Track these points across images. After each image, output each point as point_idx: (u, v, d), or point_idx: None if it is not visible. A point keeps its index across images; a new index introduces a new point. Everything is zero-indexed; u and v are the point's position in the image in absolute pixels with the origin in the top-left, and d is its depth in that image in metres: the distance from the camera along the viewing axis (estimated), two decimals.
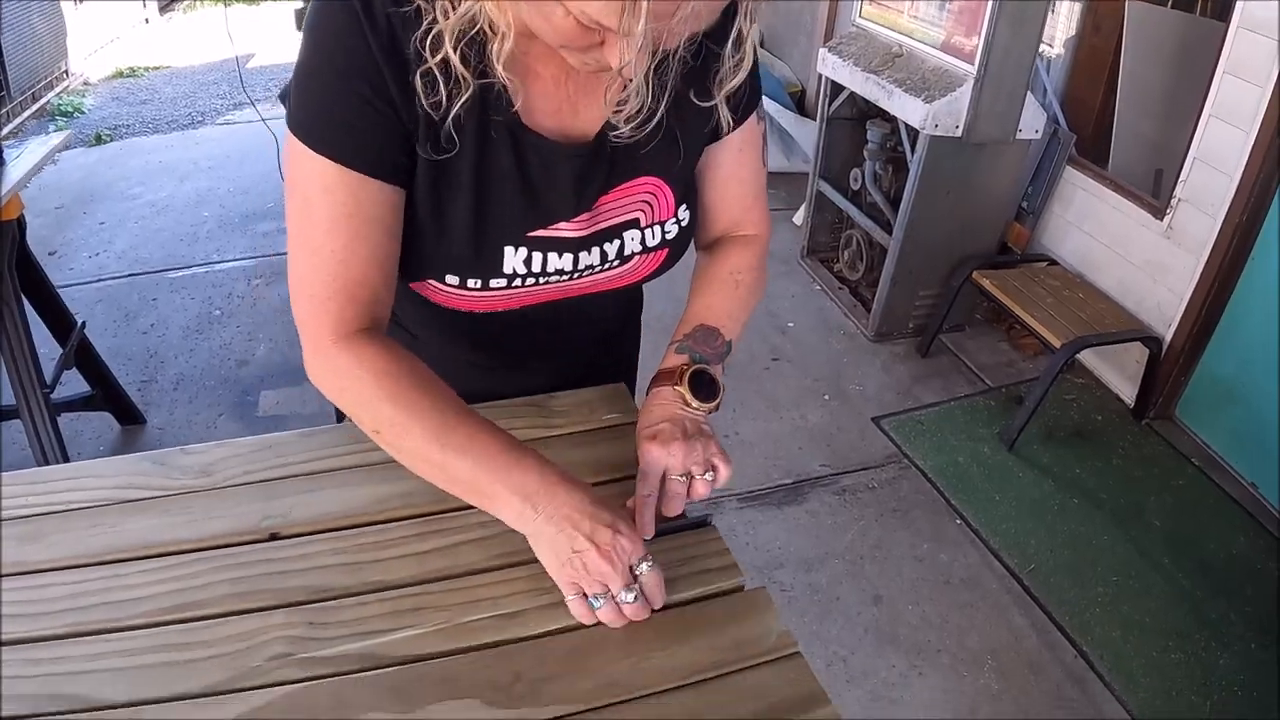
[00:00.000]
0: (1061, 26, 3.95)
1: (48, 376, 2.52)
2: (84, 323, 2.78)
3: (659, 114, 0.96)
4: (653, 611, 0.91)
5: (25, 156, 2.51)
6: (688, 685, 0.86)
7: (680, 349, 1.10)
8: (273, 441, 1.15)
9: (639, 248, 1.08)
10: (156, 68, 8.39)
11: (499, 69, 0.87)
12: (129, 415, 3.01)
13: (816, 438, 3.13)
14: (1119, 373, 3.47)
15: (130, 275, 4.08)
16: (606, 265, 1.07)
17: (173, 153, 5.77)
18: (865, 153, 3.69)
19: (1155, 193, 3.33)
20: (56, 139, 2.66)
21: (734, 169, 1.13)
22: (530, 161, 0.97)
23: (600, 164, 1.00)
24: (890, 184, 3.65)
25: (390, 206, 0.93)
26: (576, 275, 1.06)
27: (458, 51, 0.86)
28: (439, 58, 0.86)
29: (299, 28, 3.78)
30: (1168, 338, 3.21)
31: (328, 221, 0.91)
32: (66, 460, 2.45)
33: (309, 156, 0.89)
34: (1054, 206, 3.72)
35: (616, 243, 1.06)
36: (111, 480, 1.11)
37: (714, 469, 1.02)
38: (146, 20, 10.26)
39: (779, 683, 0.87)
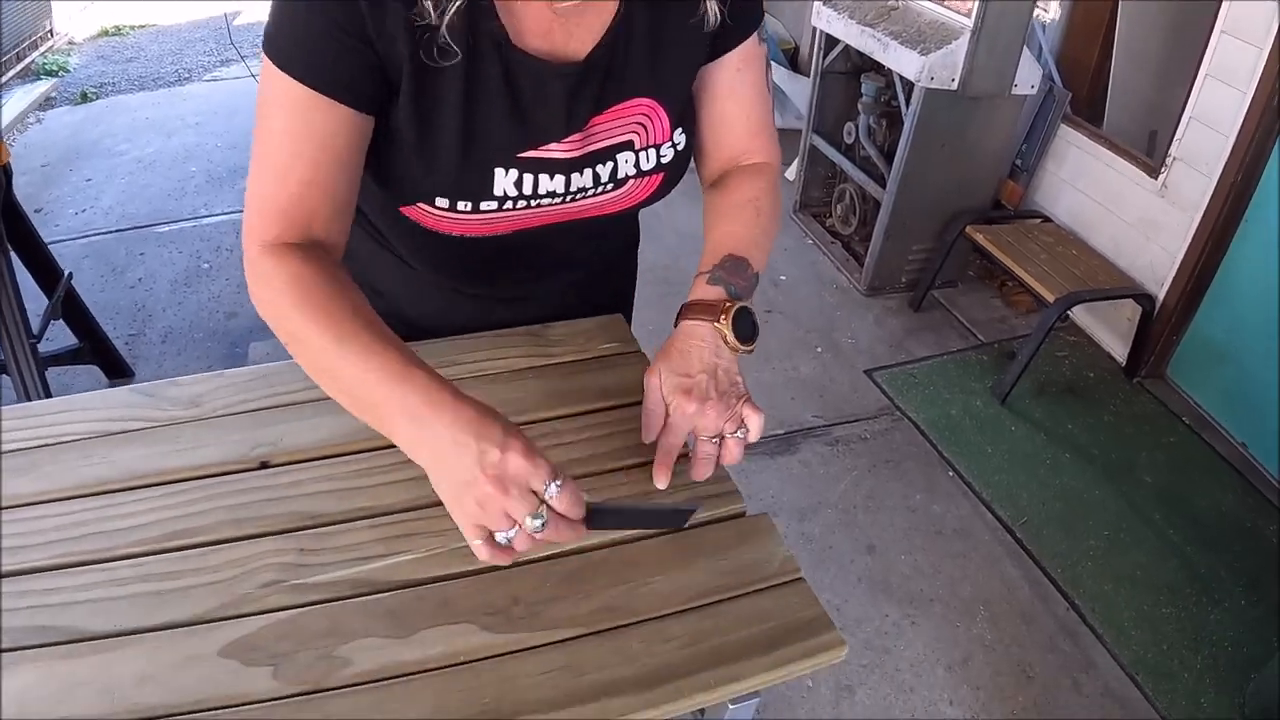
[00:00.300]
0: None
1: (35, 328, 2.49)
2: (70, 274, 2.75)
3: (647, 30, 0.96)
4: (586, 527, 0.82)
5: (10, 104, 2.48)
6: (689, 609, 0.85)
7: (713, 279, 1.03)
8: (265, 371, 1.13)
9: (633, 171, 1.05)
10: (142, 26, 8.28)
11: None
12: (117, 368, 2.98)
13: (809, 389, 3.13)
14: (1111, 331, 3.46)
15: (118, 231, 4.04)
16: (599, 188, 1.05)
17: (159, 110, 5.68)
18: (859, 106, 3.66)
19: (1150, 153, 3.30)
20: (42, 86, 2.64)
21: (732, 89, 1.09)
22: (520, 81, 0.95)
23: (592, 84, 0.98)
24: (884, 138, 3.62)
25: (347, 132, 0.90)
26: (569, 198, 1.04)
27: None
28: None
29: None
30: (1160, 296, 3.20)
31: (279, 136, 0.89)
32: None
33: (274, 73, 0.88)
34: (1048, 164, 3.70)
35: (610, 165, 1.03)
36: (102, 413, 1.10)
37: (745, 426, 0.96)
38: None
39: (781, 607, 0.87)
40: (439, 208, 0.99)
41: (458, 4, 0.86)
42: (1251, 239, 2.97)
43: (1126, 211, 3.33)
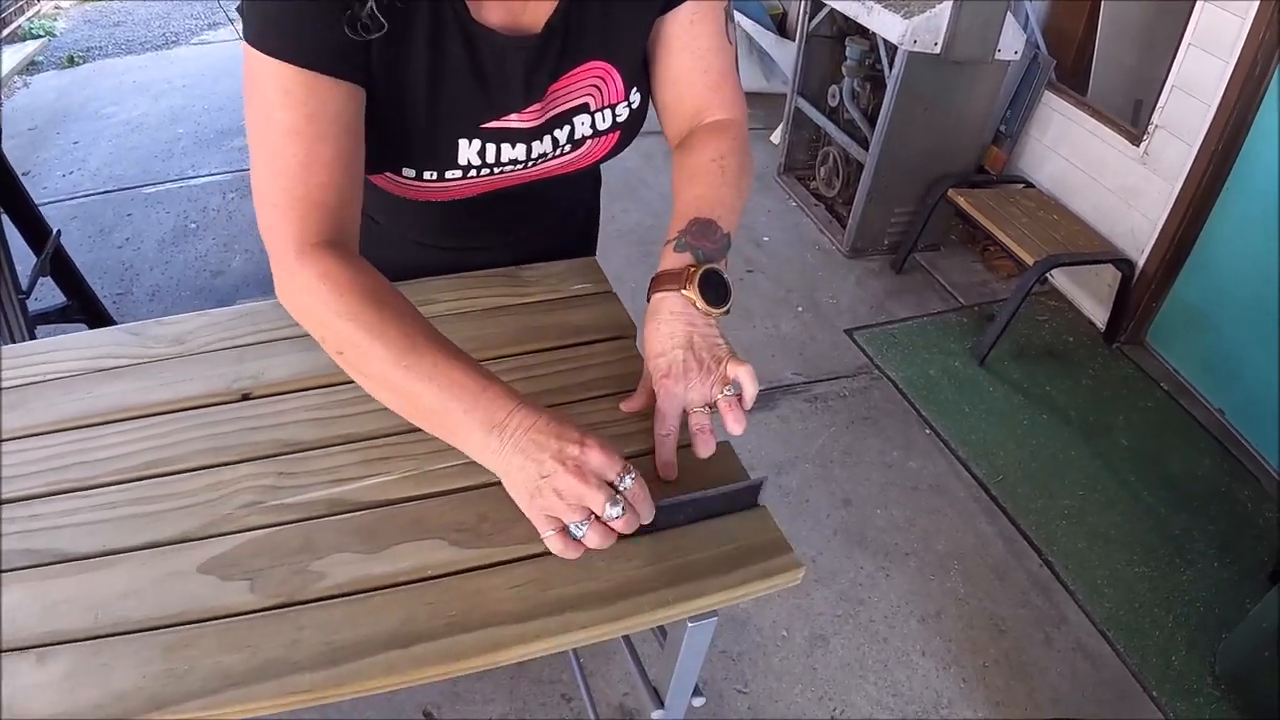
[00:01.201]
0: None
1: (24, 285, 2.51)
2: (59, 231, 2.76)
3: None
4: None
5: (2, 60, 2.48)
6: (651, 532, 0.88)
7: (679, 246, 1.01)
8: (247, 310, 1.17)
9: (589, 131, 1.08)
10: None
11: None
12: (105, 325, 3.01)
13: (789, 347, 3.17)
14: (1091, 296, 3.50)
15: (105, 192, 4.05)
16: (558, 151, 1.08)
17: (146, 73, 5.67)
18: (844, 69, 3.67)
19: (1136, 119, 3.33)
20: (29, 47, 2.64)
21: (687, 42, 1.08)
22: (481, 55, 0.97)
23: (549, 53, 1.00)
24: (868, 101, 3.64)
25: (351, 105, 0.90)
26: (530, 164, 1.07)
27: None
28: None
29: None
30: (1140, 262, 3.24)
31: (287, 124, 0.87)
32: None
33: (265, 62, 0.86)
34: (1032, 130, 3.72)
35: (567, 128, 1.06)
36: (88, 351, 1.13)
37: (740, 386, 0.96)
38: None
39: (742, 531, 0.91)
40: (405, 177, 1.02)
41: None
42: (1231, 207, 3.00)
43: (1108, 178, 3.36)
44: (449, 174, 1.03)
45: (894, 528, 2.53)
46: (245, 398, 1.03)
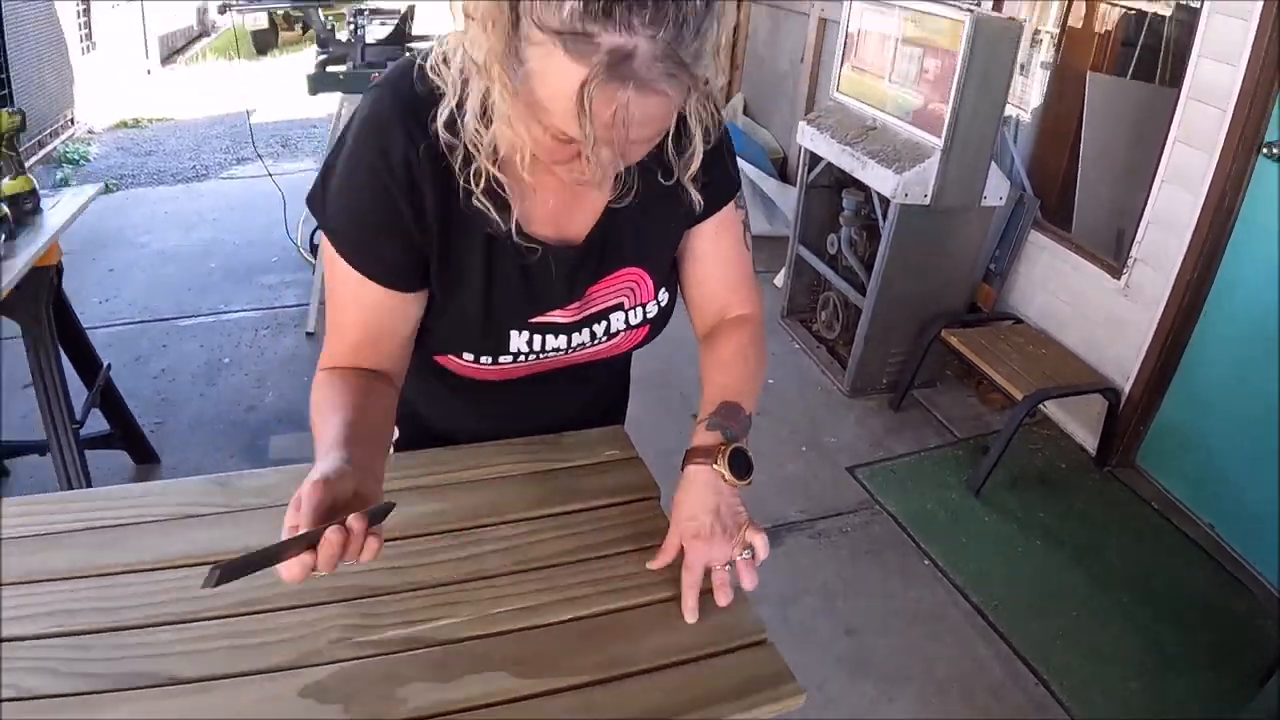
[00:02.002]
0: (1029, 95, 4.21)
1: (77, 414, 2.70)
2: (109, 365, 2.97)
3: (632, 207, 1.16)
4: None
5: (61, 206, 2.70)
6: (675, 664, 1.04)
7: (711, 425, 1.19)
8: None
9: (624, 326, 1.27)
10: (159, 119, 8.61)
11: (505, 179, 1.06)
12: (145, 454, 3.17)
13: (793, 486, 3.32)
14: (1082, 423, 3.66)
15: (140, 322, 4.26)
16: (595, 342, 1.27)
17: (178, 204, 5.97)
18: (841, 219, 3.91)
19: (1117, 253, 3.53)
20: (89, 190, 2.85)
21: (712, 250, 1.29)
22: (529, 261, 1.15)
23: (589, 261, 1.20)
24: (864, 249, 3.87)
25: (401, 310, 1.15)
26: (570, 351, 1.26)
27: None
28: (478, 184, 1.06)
29: (311, 92, 4.01)
30: (1127, 389, 3.41)
31: (342, 301, 1.14)
32: None
33: (344, 266, 1.11)
34: (1020, 268, 3.95)
35: (604, 323, 1.25)
36: (180, 498, 1.30)
37: (752, 548, 1.16)
38: (148, 71, 10.53)
39: (751, 663, 1.06)
40: (465, 359, 1.23)
41: (487, 174, 1.05)
42: (1210, 332, 3.20)
43: (1093, 310, 3.57)
44: (502, 359, 1.23)
45: (895, 654, 2.65)
46: None
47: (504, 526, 1.25)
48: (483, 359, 1.22)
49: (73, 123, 7.95)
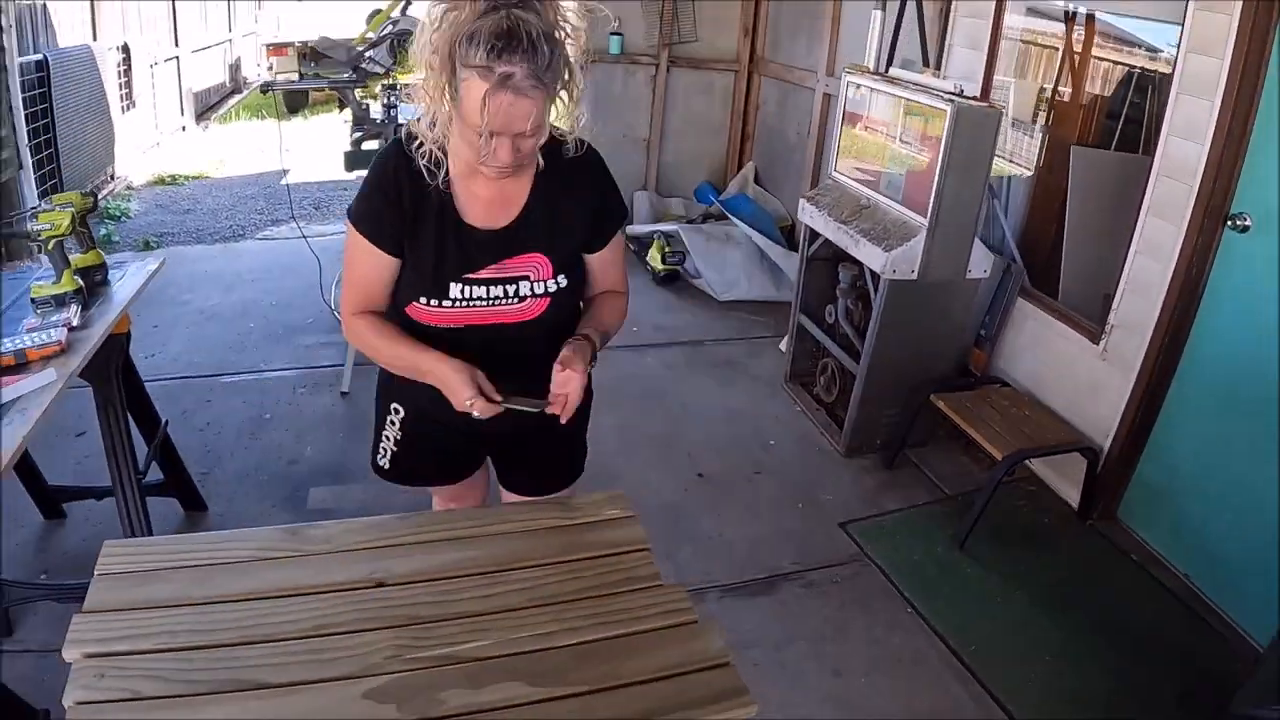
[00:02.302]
0: (1019, 167, 4.51)
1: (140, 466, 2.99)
2: (167, 421, 3.28)
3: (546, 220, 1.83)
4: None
5: (129, 279, 3.00)
6: (658, 679, 1.33)
7: (593, 333, 1.89)
8: (378, 522, 1.65)
9: (529, 293, 1.84)
10: (195, 177, 8.95)
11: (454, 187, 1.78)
12: (194, 502, 3.46)
13: (789, 539, 3.55)
14: (1066, 480, 3.86)
15: (184, 377, 4.54)
16: (508, 299, 1.83)
17: (216, 263, 6.27)
18: (838, 291, 4.18)
19: (1101, 319, 3.73)
20: (153, 264, 3.16)
21: (607, 259, 1.97)
22: (465, 238, 1.79)
23: (506, 242, 1.81)
24: (859, 318, 4.12)
25: (388, 268, 1.82)
26: (490, 302, 1.82)
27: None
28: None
29: (348, 168, 4.36)
30: (1106, 447, 3.63)
31: (360, 266, 1.83)
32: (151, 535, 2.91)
33: (355, 233, 1.80)
34: (1008, 334, 4.22)
35: (514, 286, 1.83)
36: (258, 543, 1.59)
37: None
38: (183, 128, 10.96)
39: (718, 680, 1.34)
40: (420, 303, 1.81)
41: (440, 183, 1.75)
42: (1185, 393, 3.41)
43: (1075, 373, 3.81)
44: (445, 302, 1.80)
45: (878, 694, 2.88)
46: (380, 585, 1.49)
47: (524, 570, 1.55)
48: (431, 302, 1.80)
49: (112, 179, 8.34)
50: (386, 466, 2.12)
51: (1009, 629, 3.17)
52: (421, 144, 1.72)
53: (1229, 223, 3.18)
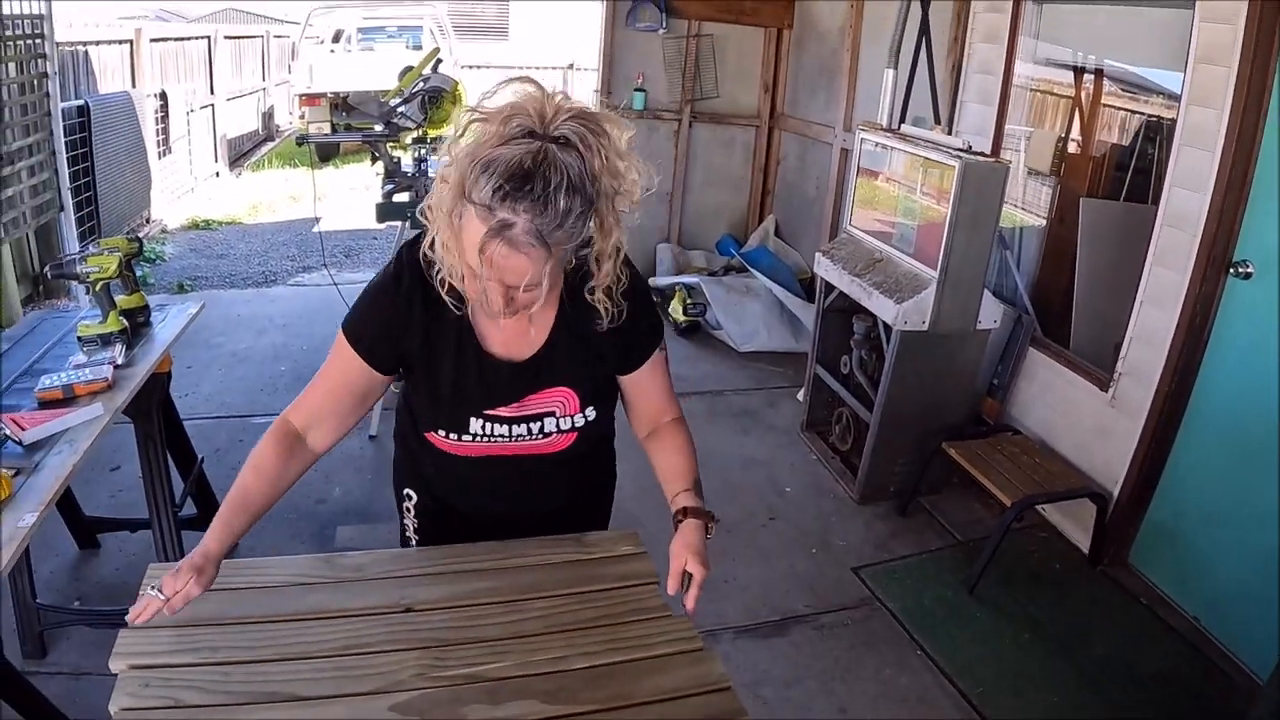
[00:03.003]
0: (1034, 216, 4.62)
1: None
2: (203, 458, 3.41)
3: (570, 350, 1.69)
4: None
5: (170, 322, 3.14)
6: (663, 700, 1.43)
7: (694, 493, 1.75)
8: (404, 553, 1.79)
9: (555, 429, 1.72)
10: (228, 222, 9.18)
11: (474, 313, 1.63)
12: None
13: (802, 583, 3.63)
14: (1077, 525, 3.91)
15: (217, 417, 4.68)
16: (532, 437, 1.72)
17: (249, 307, 6.45)
18: (852, 342, 4.29)
19: (1112, 366, 3.80)
20: (194, 308, 3.30)
21: (648, 382, 1.81)
22: (485, 370, 1.66)
23: (529, 376, 1.68)
24: (873, 369, 4.21)
25: (363, 380, 1.68)
26: (513, 439, 1.71)
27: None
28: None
29: (379, 220, 4.52)
30: (1115, 492, 3.69)
31: (330, 375, 1.71)
32: None
33: (343, 342, 1.66)
34: (1020, 383, 4.31)
35: (539, 424, 1.71)
36: (294, 570, 1.71)
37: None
38: (217, 174, 11.23)
39: (718, 703, 1.44)
40: (440, 434, 1.72)
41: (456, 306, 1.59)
42: (1193, 438, 3.47)
43: (1085, 420, 3.89)
44: (464, 437, 1.70)
45: None
46: (408, 610, 1.60)
47: (541, 599, 1.66)
48: (450, 435, 1.70)
49: (148, 222, 8.57)
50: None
51: (1017, 670, 3.22)
52: (439, 269, 1.56)
53: (1232, 270, 3.27)
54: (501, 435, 1.70)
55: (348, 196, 10.17)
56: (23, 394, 2.54)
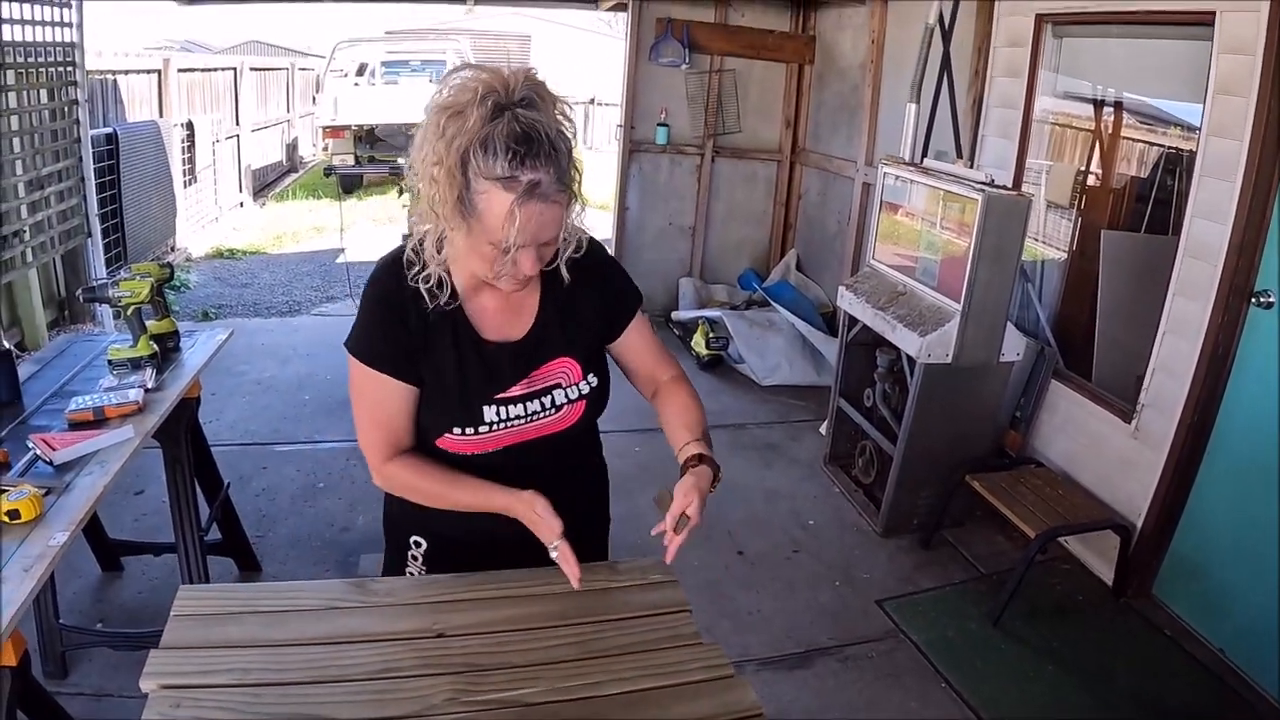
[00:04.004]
0: (1054, 250, 4.62)
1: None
2: (229, 484, 3.43)
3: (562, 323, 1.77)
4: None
5: (200, 348, 3.18)
6: None
7: (702, 444, 1.78)
8: (436, 579, 1.78)
9: (564, 400, 1.77)
10: (252, 251, 9.28)
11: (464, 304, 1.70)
12: (249, 563, 3.59)
13: (826, 615, 3.62)
14: (1100, 558, 3.90)
15: (242, 444, 4.73)
16: (545, 411, 1.76)
17: (273, 337, 6.52)
18: (875, 375, 4.31)
19: (1134, 397, 3.81)
20: (222, 335, 3.34)
21: (636, 342, 1.90)
22: (486, 356, 1.72)
23: (529, 353, 1.74)
24: (896, 402, 4.22)
25: (408, 396, 1.71)
26: (529, 419, 1.75)
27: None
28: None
29: None
30: (1139, 524, 3.68)
31: (377, 404, 1.73)
32: None
33: (365, 369, 1.69)
34: (1043, 415, 4.31)
35: (549, 397, 1.76)
36: (325, 593, 1.71)
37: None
38: (241, 204, 11.36)
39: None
40: (455, 434, 1.72)
41: (444, 302, 1.66)
42: (1216, 469, 3.48)
43: (1108, 452, 3.89)
44: (480, 429, 1.72)
45: None
46: (440, 635, 1.60)
47: (572, 626, 1.65)
48: (466, 430, 1.72)
49: (173, 250, 8.67)
50: None
51: (1041, 703, 3.21)
52: (423, 268, 1.63)
53: (1253, 299, 3.29)
54: (517, 417, 1.74)
55: (371, 228, 10.25)
56: (53, 415, 2.58)
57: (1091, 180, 4.83)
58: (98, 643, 3.03)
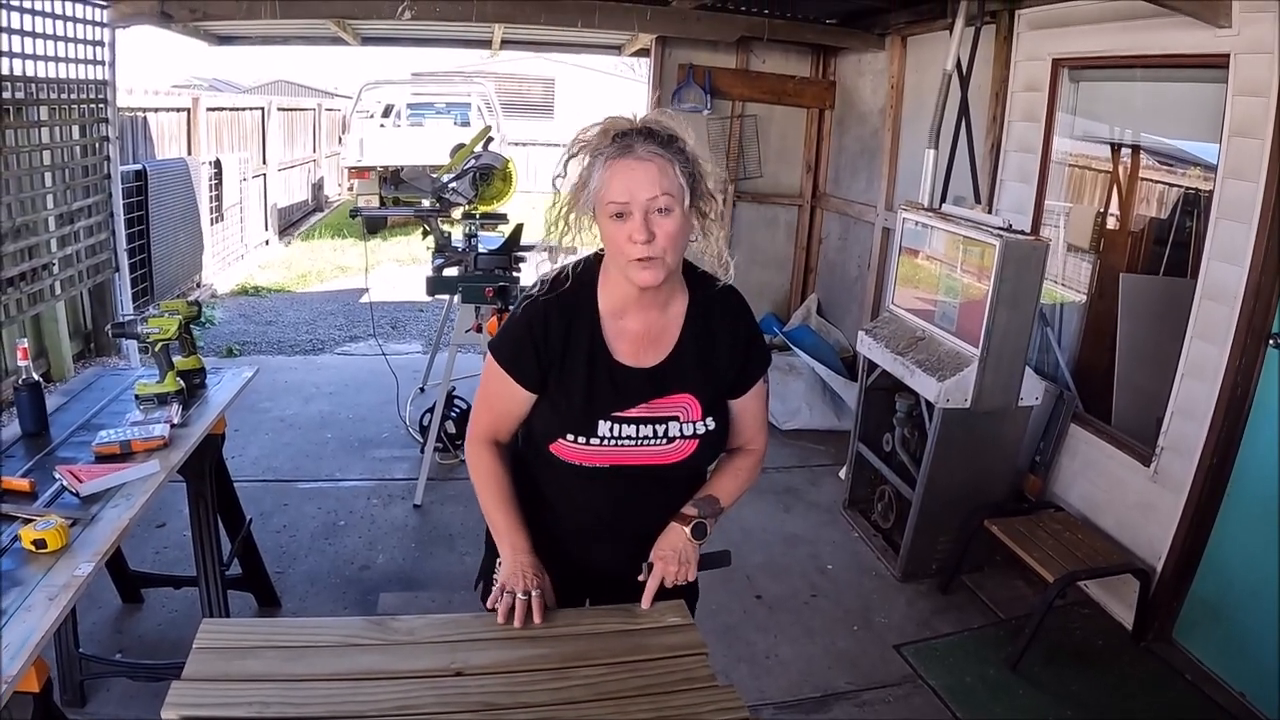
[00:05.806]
0: (1074, 292, 4.63)
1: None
2: (251, 519, 3.46)
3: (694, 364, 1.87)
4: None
5: (225, 385, 3.22)
6: None
7: (692, 505, 1.94)
8: (456, 618, 1.81)
9: (678, 434, 1.86)
10: (277, 290, 9.38)
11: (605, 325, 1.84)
12: (269, 599, 3.61)
13: (844, 660, 3.60)
14: (1120, 601, 3.86)
15: (263, 481, 4.76)
16: (656, 440, 1.85)
17: (296, 375, 6.57)
18: (894, 420, 4.31)
19: (1153, 441, 3.78)
20: (248, 373, 3.38)
21: (746, 410, 1.97)
22: (615, 375, 1.83)
23: (655, 382, 1.84)
24: (915, 446, 4.22)
25: (520, 402, 1.87)
26: (639, 442, 1.85)
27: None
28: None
29: (429, 293, 4.61)
30: (1159, 568, 3.65)
31: (496, 397, 1.91)
32: None
33: (496, 365, 1.86)
34: (1062, 459, 4.30)
35: (663, 426, 1.85)
36: (345, 632, 1.74)
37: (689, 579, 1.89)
38: (266, 242, 11.49)
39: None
40: (568, 440, 1.84)
41: (587, 323, 1.82)
42: (1235, 511, 3.45)
43: (1127, 496, 3.87)
44: (593, 440, 1.83)
45: None
46: (459, 674, 1.62)
47: (590, 667, 1.68)
48: (579, 439, 1.83)
49: (199, 286, 8.78)
50: (482, 595, 2.07)
51: None
52: (571, 289, 1.82)
53: (1272, 341, 3.27)
54: (629, 438, 1.84)
55: (395, 269, 10.35)
56: (80, 447, 2.63)
57: (1110, 223, 4.84)
58: (116, 672, 3.06)
